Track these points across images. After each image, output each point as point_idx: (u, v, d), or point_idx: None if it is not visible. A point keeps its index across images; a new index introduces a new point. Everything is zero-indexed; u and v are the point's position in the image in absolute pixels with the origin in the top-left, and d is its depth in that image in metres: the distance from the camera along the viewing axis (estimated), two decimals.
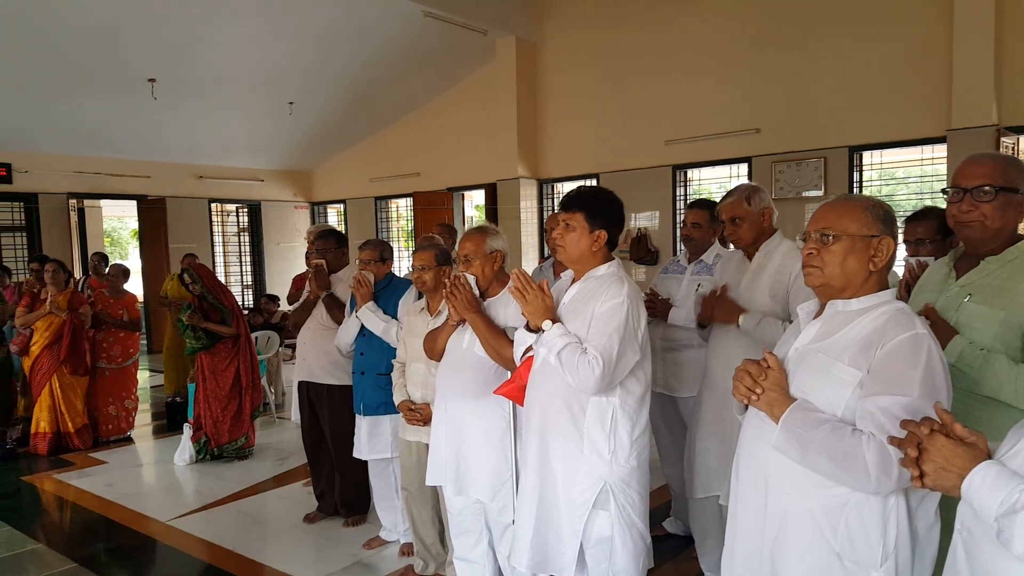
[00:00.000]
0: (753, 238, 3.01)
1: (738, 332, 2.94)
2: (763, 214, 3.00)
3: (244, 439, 5.64)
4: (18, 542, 4.17)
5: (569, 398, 2.34)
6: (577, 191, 2.48)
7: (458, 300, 2.74)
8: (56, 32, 7.38)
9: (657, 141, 8.37)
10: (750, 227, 2.99)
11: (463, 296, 2.73)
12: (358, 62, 9.30)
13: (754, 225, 2.99)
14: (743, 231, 3.00)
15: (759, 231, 3.01)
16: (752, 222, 2.99)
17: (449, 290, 2.77)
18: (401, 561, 3.75)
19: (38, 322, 5.93)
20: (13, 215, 10.38)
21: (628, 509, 2.36)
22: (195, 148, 11.34)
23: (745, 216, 2.99)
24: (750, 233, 3.00)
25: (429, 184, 11.06)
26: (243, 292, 13.17)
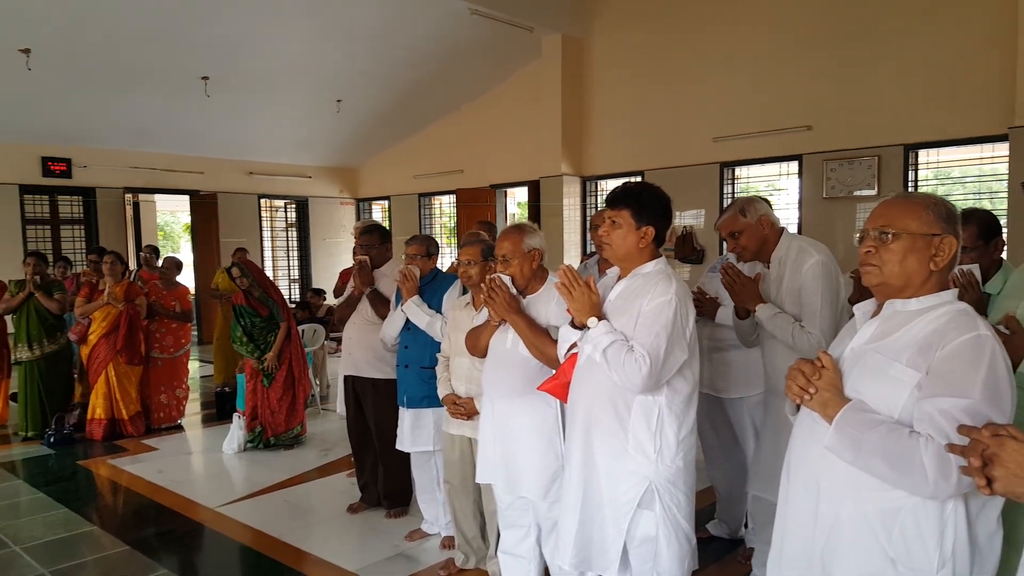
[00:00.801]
0: (757, 247, 3.06)
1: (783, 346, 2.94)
2: (760, 223, 3.05)
3: (299, 428, 5.84)
4: (75, 524, 4.31)
5: (614, 396, 2.32)
6: (623, 187, 2.46)
7: (497, 303, 2.75)
8: (114, 32, 7.60)
9: (704, 138, 8.26)
10: (750, 237, 3.04)
11: (502, 298, 2.74)
12: (405, 60, 9.37)
13: (753, 235, 3.04)
14: (744, 241, 3.05)
15: (760, 240, 3.05)
16: (751, 233, 3.05)
17: (487, 294, 2.77)
18: (442, 554, 3.77)
19: (96, 312, 6.12)
20: (72, 208, 10.74)
21: (674, 509, 2.33)
22: (246, 145, 11.57)
23: (743, 228, 3.05)
24: (752, 243, 3.06)
25: (472, 181, 11.10)
26: (290, 286, 13.41)
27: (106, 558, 3.87)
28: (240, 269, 5.70)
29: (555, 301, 2.78)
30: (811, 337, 2.84)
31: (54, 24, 7.25)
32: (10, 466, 5.47)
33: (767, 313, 2.95)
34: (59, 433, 6.02)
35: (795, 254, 2.99)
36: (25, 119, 9.32)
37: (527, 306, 2.84)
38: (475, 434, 3.27)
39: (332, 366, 8.08)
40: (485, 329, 2.95)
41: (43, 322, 6.31)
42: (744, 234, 3.05)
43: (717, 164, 8.27)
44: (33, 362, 6.29)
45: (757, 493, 3.22)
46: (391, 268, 4.24)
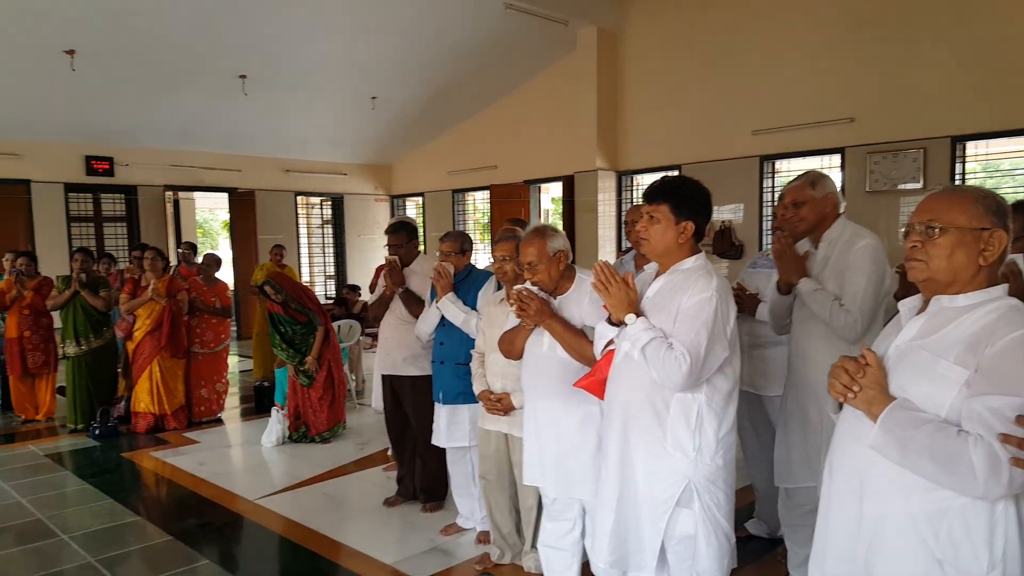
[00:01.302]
0: (814, 223, 3.01)
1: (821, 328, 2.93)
2: (826, 199, 3.01)
3: (342, 426, 6.01)
4: (119, 514, 4.42)
5: (652, 393, 2.30)
6: (661, 181, 2.42)
7: (529, 313, 2.74)
8: (155, 32, 7.74)
9: (744, 131, 8.15)
10: (811, 210, 3.00)
11: (533, 307, 2.73)
12: (439, 56, 9.40)
13: (815, 209, 3.00)
14: (804, 213, 3.01)
15: (820, 216, 3.00)
16: (814, 206, 3.00)
17: (517, 307, 2.76)
18: (477, 549, 3.78)
19: (140, 309, 6.26)
20: (115, 206, 10.98)
21: (713, 508, 2.30)
22: (283, 142, 11.72)
23: (808, 200, 3.01)
24: (811, 216, 3.00)
25: (506, 177, 11.10)
26: (325, 282, 13.56)
27: (150, 548, 3.95)
28: (272, 286, 5.78)
29: (587, 299, 2.77)
30: (849, 316, 2.82)
31: (97, 26, 7.41)
32: (57, 457, 5.62)
33: (809, 287, 2.92)
34: (104, 426, 6.17)
35: (848, 236, 2.96)
36: (69, 119, 9.54)
37: (559, 307, 2.83)
38: (511, 430, 3.28)
39: (367, 361, 8.16)
40: (520, 332, 2.94)
41: (89, 318, 6.47)
42: (807, 206, 3.01)
43: (757, 158, 8.15)
44: (80, 357, 6.45)
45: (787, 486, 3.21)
46: (421, 265, 4.25)
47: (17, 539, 4.07)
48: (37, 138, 9.89)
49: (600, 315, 2.65)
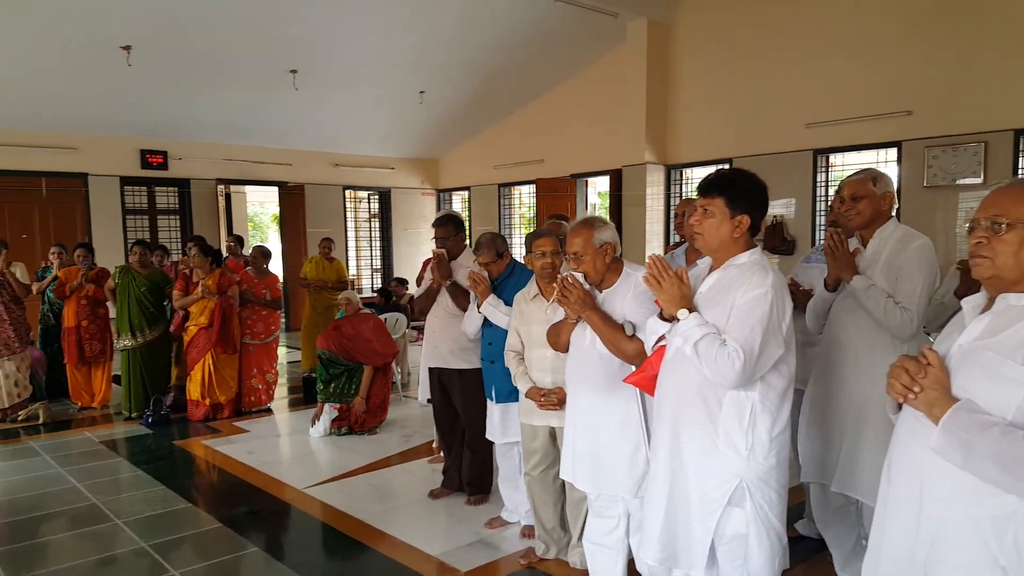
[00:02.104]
0: (870, 218, 3.00)
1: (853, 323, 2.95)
2: (884, 198, 3.00)
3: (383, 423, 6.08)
4: (171, 501, 4.52)
5: (704, 390, 2.25)
6: (717, 174, 2.37)
7: (571, 302, 2.70)
8: (208, 28, 7.89)
9: (797, 124, 7.95)
10: (869, 205, 2.98)
11: (576, 296, 2.69)
12: (487, 49, 9.39)
13: (873, 206, 2.98)
14: (862, 207, 2.99)
15: (876, 213, 2.99)
16: (872, 202, 2.98)
17: (560, 293, 2.73)
18: (522, 543, 3.77)
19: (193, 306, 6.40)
20: (168, 199, 11.25)
21: (765, 508, 2.25)
22: (332, 137, 11.86)
23: (867, 195, 2.99)
24: (868, 211, 2.99)
25: (552, 171, 11.05)
26: (372, 276, 13.70)
27: (200, 534, 4.04)
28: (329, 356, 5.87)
29: (632, 295, 2.73)
30: (905, 314, 2.81)
31: (153, 21, 7.58)
32: (112, 444, 5.78)
33: (863, 283, 2.90)
34: (157, 414, 6.32)
35: (900, 234, 2.96)
36: (125, 113, 9.80)
37: (602, 301, 2.79)
38: (561, 423, 3.24)
39: (413, 354, 8.22)
40: (564, 325, 2.92)
41: (144, 312, 6.62)
42: (866, 200, 2.99)
43: (810, 151, 7.95)
44: (136, 348, 6.62)
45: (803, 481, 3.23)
46: (468, 258, 4.24)
47: (73, 523, 4.19)
48: (94, 132, 10.19)
49: (643, 312, 2.63)
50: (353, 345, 5.82)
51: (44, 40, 7.70)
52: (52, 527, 4.15)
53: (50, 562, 3.67)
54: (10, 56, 7.89)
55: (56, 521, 4.23)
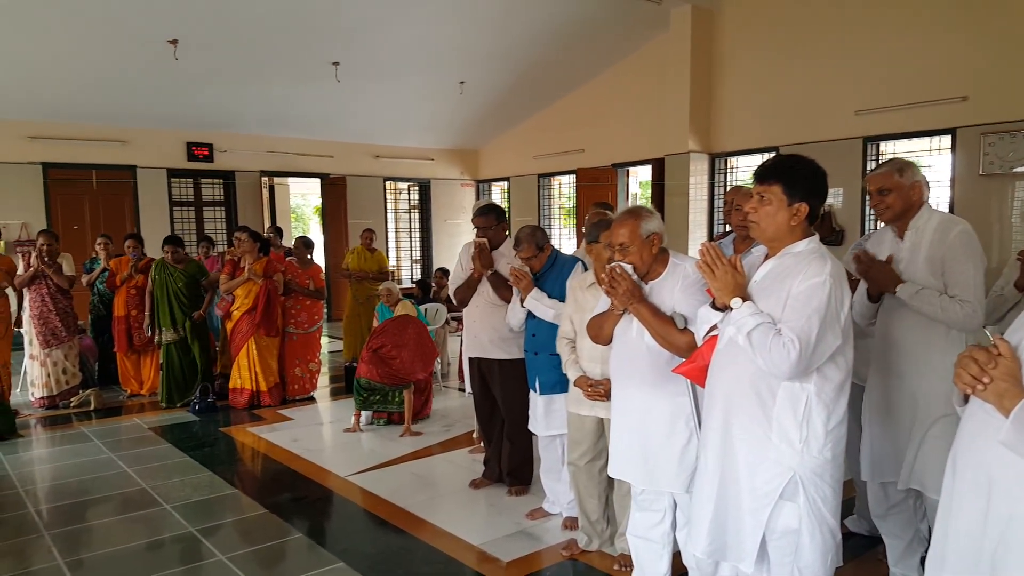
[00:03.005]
0: (900, 211, 2.94)
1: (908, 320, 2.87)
2: (913, 188, 2.93)
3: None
4: (218, 486, 4.59)
5: (757, 382, 2.19)
6: (774, 160, 2.30)
7: (619, 293, 2.65)
8: (253, 21, 7.96)
9: (846, 111, 7.74)
10: (898, 199, 2.93)
11: (624, 287, 2.64)
12: (529, 39, 9.32)
13: (902, 198, 2.93)
14: (891, 201, 2.94)
15: (907, 205, 2.93)
16: (901, 194, 2.93)
17: (608, 283, 2.68)
18: (564, 534, 3.75)
19: (239, 290, 6.49)
20: (214, 191, 11.44)
21: (819, 503, 2.19)
22: (373, 128, 11.93)
23: (894, 188, 2.93)
24: (897, 204, 2.93)
25: (593, 160, 10.96)
26: (411, 267, 13.77)
27: (246, 520, 4.09)
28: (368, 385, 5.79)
29: (680, 286, 2.67)
30: (966, 306, 2.71)
31: (199, 15, 7.67)
32: (160, 430, 5.90)
33: (910, 291, 2.81)
34: (203, 401, 6.43)
35: (937, 221, 2.87)
36: (172, 106, 9.97)
37: (650, 292, 2.73)
38: (607, 414, 3.22)
39: (452, 345, 8.23)
40: (608, 317, 2.86)
41: (182, 306, 6.70)
42: (893, 193, 2.93)
43: (860, 139, 7.73)
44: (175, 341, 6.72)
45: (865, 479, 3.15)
46: (509, 247, 4.20)
47: (124, 507, 4.29)
48: (142, 125, 10.39)
49: (693, 303, 2.58)
50: (396, 365, 5.73)
51: (95, 35, 7.86)
52: (103, 510, 4.25)
53: (102, 544, 3.75)
54: (62, 51, 8.08)
55: (107, 505, 4.33)
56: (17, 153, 9.65)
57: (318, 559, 3.56)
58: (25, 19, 7.34)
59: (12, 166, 9.62)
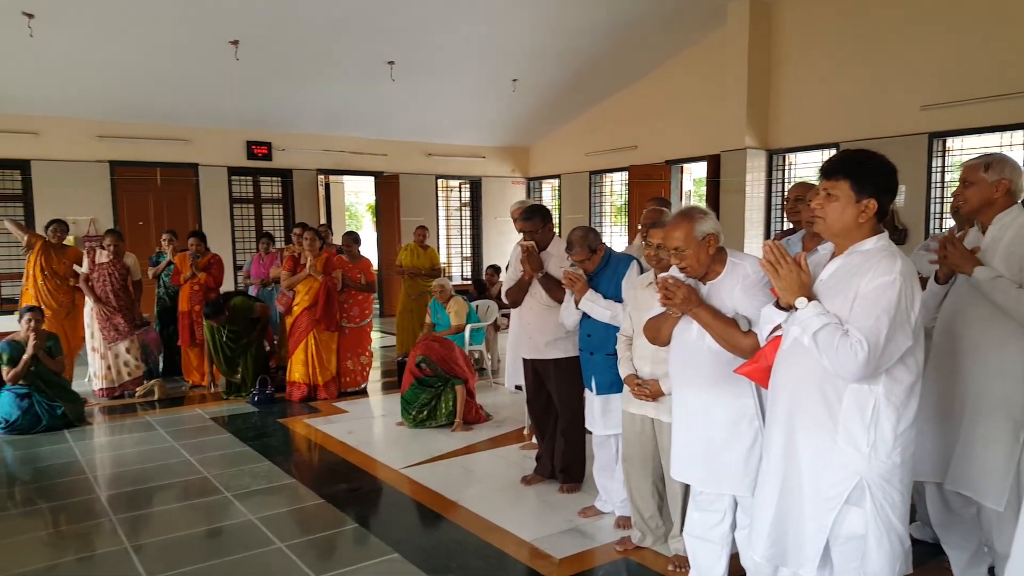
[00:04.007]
0: (977, 206, 2.88)
1: (972, 314, 2.80)
2: (997, 185, 2.83)
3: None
4: (276, 476, 4.70)
5: (823, 383, 2.14)
6: (841, 155, 2.23)
7: (675, 302, 2.62)
8: (311, 22, 8.10)
9: (911, 105, 7.50)
10: (976, 193, 2.86)
11: (680, 295, 2.60)
12: (583, 36, 9.27)
13: (981, 193, 2.85)
14: (969, 194, 2.88)
15: (985, 201, 2.86)
16: (981, 190, 2.85)
17: (662, 295, 2.65)
18: (616, 533, 3.73)
19: (299, 285, 6.63)
20: (272, 188, 11.68)
21: (887, 508, 2.13)
22: (426, 126, 12.03)
23: (976, 182, 2.85)
24: (975, 199, 2.87)
25: (646, 157, 10.85)
26: (462, 264, 13.85)
27: (303, 509, 4.17)
28: (427, 363, 5.80)
29: (740, 286, 2.62)
30: None
31: (259, 16, 7.85)
32: (221, 420, 6.06)
33: (987, 274, 2.72)
34: (262, 393, 6.59)
35: (1023, 221, 2.77)
36: (233, 106, 10.23)
37: (707, 294, 2.69)
38: (659, 415, 3.21)
39: (502, 341, 8.25)
40: (666, 320, 2.83)
41: (233, 352, 6.82)
42: (974, 187, 2.86)
43: (925, 135, 7.48)
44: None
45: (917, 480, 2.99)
46: (557, 247, 4.19)
47: (186, 494, 4.42)
48: (204, 124, 10.67)
49: (755, 303, 2.54)
50: (448, 356, 5.81)
51: (160, 38, 8.10)
52: (167, 497, 4.39)
53: (166, 530, 3.88)
54: (130, 54, 8.36)
55: (170, 491, 4.47)
56: (87, 151, 10.02)
57: (373, 549, 3.61)
58: (96, 24, 7.61)
59: (82, 164, 9.99)
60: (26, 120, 9.60)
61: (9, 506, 4.33)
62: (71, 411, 5.88)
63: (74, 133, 9.92)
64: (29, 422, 5.67)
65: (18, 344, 5.85)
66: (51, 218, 7.26)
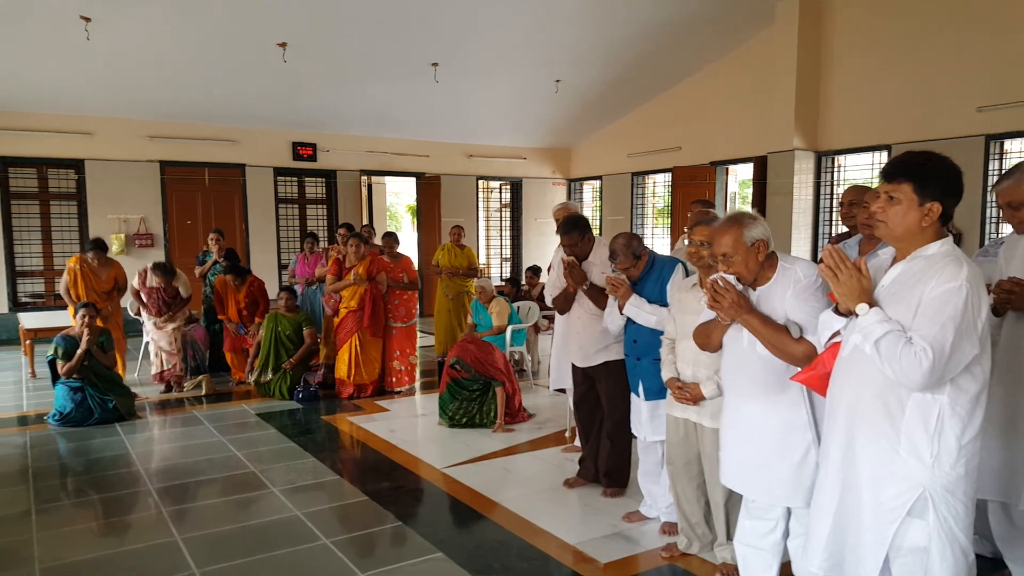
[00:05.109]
0: None
1: None
2: None
3: None
4: (321, 472, 4.75)
5: (885, 392, 2.08)
6: (903, 157, 2.16)
7: (724, 307, 2.57)
8: (357, 24, 8.18)
9: (966, 107, 7.29)
10: None
11: (728, 299, 2.56)
12: (626, 36, 9.21)
13: None
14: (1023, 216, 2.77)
15: None
16: None
17: (710, 298, 2.60)
18: (662, 539, 3.68)
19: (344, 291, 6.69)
20: (316, 189, 11.84)
21: (950, 521, 2.06)
22: (467, 128, 12.07)
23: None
24: None
25: (690, 159, 10.73)
26: (501, 265, 13.86)
27: (347, 506, 4.22)
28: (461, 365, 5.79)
29: (792, 291, 2.57)
30: None
31: (307, 18, 7.95)
32: (266, 417, 6.15)
33: None
34: (306, 390, 6.67)
35: None
36: (279, 107, 10.39)
37: (758, 300, 2.64)
38: (700, 419, 3.18)
39: (543, 343, 8.23)
40: (716, 326, 2.79)
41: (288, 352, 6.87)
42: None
43: (981, 137, 7.26)
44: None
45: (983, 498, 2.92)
46: (598, 255, 4.17)
47: (235, 488, 4.49)
48: (251, 125, 10.87)
49: (807, 310, 2.50)
50: (484, 359, 5.80)
51: (211, 40, 8.27)
52: (215, 491, 4.47)
53: (215, 523, 3.94)
54: (180, 56, 8.54)
55: (218, 485, 4.55)
56: (138, 151, 10.27)
57: (417, 548, 3.63)
58: (148, 27, 7.79)
59: (133, 164, 10.25)
60: (81, 120, 9.89)
61: (62, 496, 4.46)
62: (122, 405, 6.02)
63: (126, 133, 10.19)
64: (82, 415, 5.82)
65: (72, 339, 6.01)
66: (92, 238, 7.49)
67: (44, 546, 3.65)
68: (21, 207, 9.89)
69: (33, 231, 10.00)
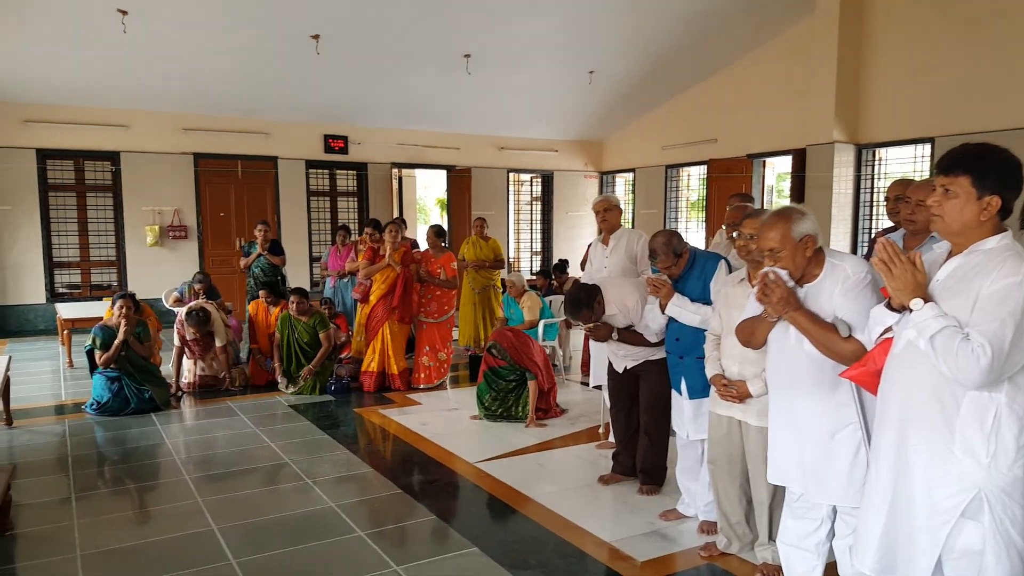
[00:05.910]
0: None
1: None
2: None
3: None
4: (354, 465, 4.77)
5: (940, 389, 2.00)
6: (960, 149, 2.08)
7: (772, 301, 2.51)
8: (389, 16, 8.19)
9: (1016, 98, 7.07)
10: None
11: (778, 295, 2.50)
12: (662, 25, 9.09)
13: None
14: None
15: None
16: None
17: (759, 291, 2.54)
18: (700, 538, 3.62)
19: (377, 275, 6.69)
20: (348, 181, 11.89)
21: (1007, 523, 1.98)
22: (499, 120, 12.03)
23: None
24: None
25: (726, 151, 10.58)
26: (531, 258, 13.81)
27: (381, 499, 4.23)
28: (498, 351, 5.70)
29: (840, 288, 2.51)
30: None
31: (340, 11, 7.97)
32: (299, 409, 6.18)
33: None
34: (339, 383, 6.69)
35: None
36: (312, 100, 10.44)
37: (805, 296, 2.58)
38: (745, 417, 3.12)
39: (575, 338, 8.17)
40: (760, 323, 2.73)
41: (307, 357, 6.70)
42: None
43: None
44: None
45: None
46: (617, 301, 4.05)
47: (270, 479, 4.53)
48: (283, 118, 10.95)
49: (856, 307, 2.44)
50: (521, 348, 5.73)
51: (244, 33, 8.33)
52: (251, 481, 4.50)
53: (251, 514, 3.96)
54: (214, 49, 8.62)
55: (254, 476, 4.58)
56: (172, 143, 10.40)
57: (452, 542, 3.62)
58: (183, 20, 7.87)
59: (167, 156, 10.38)
60: (117, 113, 10.04)
61: (99, 484, 4.53)
62: (158, 395, 6.09)
63: (161, 126, 10.31)
64: (118, 404, 5.90)
65: (110, 329, 6.09)
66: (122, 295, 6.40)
67: (84, 533, 3.70)
68: (58, 199, 10.08)
69: (70, 222, 10.18)
